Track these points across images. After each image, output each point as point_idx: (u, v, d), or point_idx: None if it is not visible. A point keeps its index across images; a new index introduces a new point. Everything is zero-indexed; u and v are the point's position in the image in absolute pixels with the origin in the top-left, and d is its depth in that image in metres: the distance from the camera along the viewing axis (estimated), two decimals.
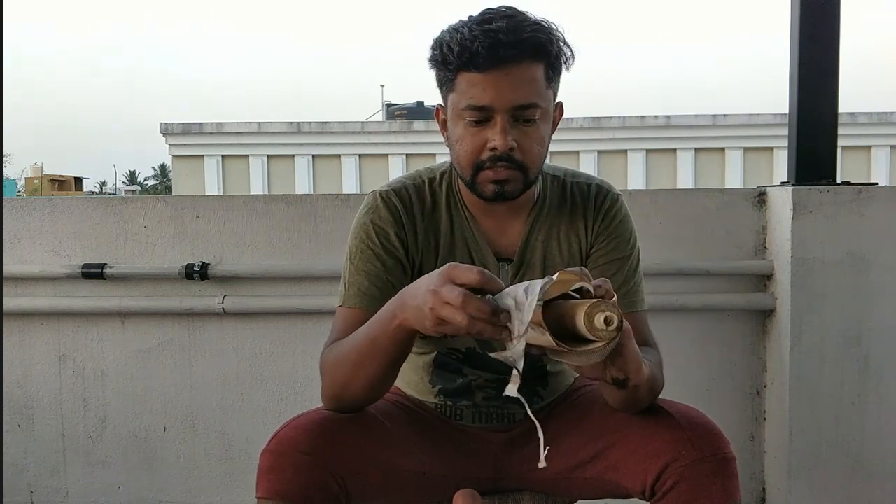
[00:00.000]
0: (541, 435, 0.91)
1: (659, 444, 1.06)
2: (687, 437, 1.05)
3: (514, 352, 0.88)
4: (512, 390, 0.90)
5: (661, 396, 1.15)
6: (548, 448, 0.90)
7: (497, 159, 1.11)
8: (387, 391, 1.13)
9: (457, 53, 1.07)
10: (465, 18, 1.12)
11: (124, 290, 2.02)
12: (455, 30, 1.09)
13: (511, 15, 1.09)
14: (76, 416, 2.07)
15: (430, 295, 0.91)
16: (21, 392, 2.07)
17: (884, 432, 1.93)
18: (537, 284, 0.87)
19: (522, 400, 0.91)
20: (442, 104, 1.18)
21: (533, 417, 0.92)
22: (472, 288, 0.89)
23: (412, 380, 1.31)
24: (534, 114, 1.10)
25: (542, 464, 0.91)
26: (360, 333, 1.06)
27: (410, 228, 1.21)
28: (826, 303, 1.90)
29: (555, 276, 0.87)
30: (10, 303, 2.01)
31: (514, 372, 0.89)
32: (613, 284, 1.19)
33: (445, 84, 1.13)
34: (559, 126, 1.20)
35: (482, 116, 1.10)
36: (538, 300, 0.86)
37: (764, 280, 2.00)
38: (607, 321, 0.85)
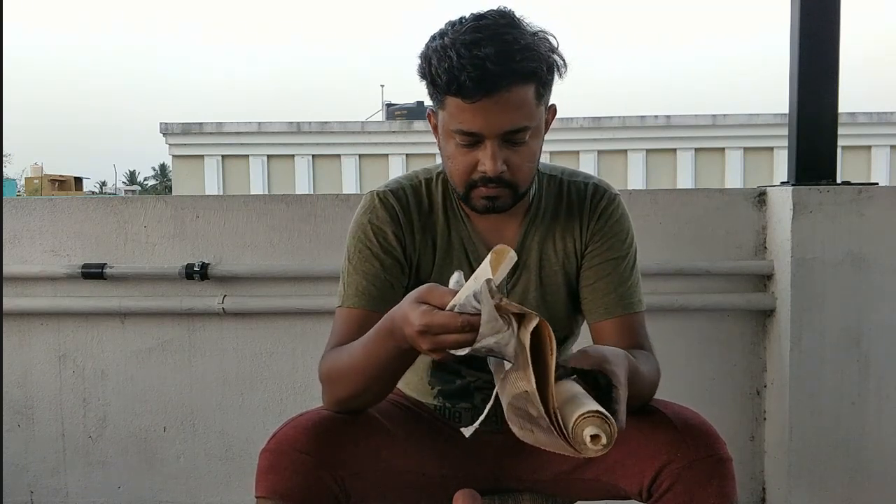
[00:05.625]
0: (486, 408, 0.92)
1: (655, 446, 1.05)
2: (682, 439, 1.05)
3: (490, 342, 0.85)
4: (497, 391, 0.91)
5: (659, 397, 1.15)
6: (475, 426, 0.92)
7: (488, 180, 1.11)
8: (393, 389, 1.14)
9: (445, 82, 1.05)
10: (453, 26, 1.08)
11: (124, 290, 2.02)
12: (443, 49, 1.05)
13: (499, 35, 1.04)
14: (76, 416, 2.07)
15: (407, 326, 0.91)
16: (21, 392, 2.07)
17: (884, 432, 1.93)
18: (481, 274, 0.84)
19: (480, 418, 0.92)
20: (433, 110, 1.17)
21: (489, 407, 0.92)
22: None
23: (412, 381, 1.31)
24: (524, 136, 1.09)
25: (466, 431, 0.92)
26: (358, 353, 1.05)
27: (408, 228, 1.21)
28: (826, 303, 1.90)
29: (489, 258, 0.86)
30: (10, 303, 2.01)
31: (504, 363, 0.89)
32: (608, 285, 1.20)
33: (435, 100, 1.13)
34: (559, 126, 1.21)
35: (472, 140, 1.09)
36: (490, 283, 0.83)
37: (764, 280, 2.00)
38: (594, 439, 0.84)
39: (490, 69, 1.02)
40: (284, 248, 2.01)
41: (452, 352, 0.88)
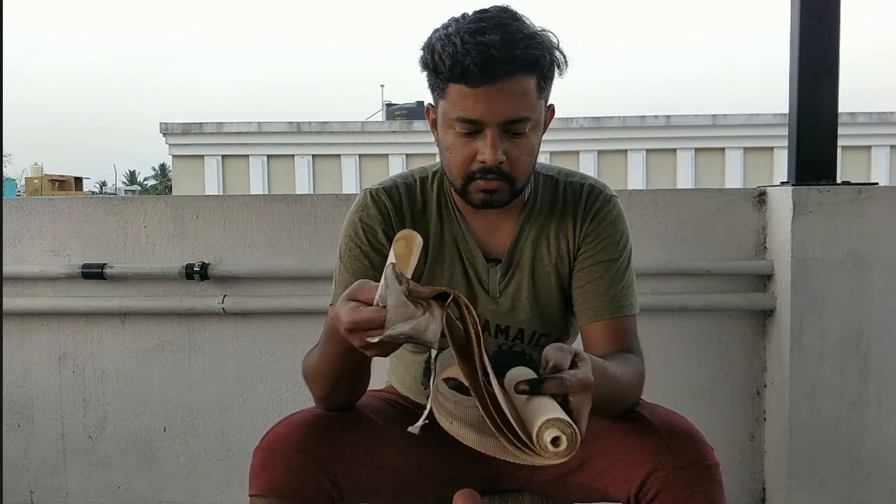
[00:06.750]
0: (426, 412, 0.90)
1: (640, 454, 1.05)
2: (667, 446, 1.04)
3: (405, 329, 0.82)
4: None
5: (658, 397, 1.15)
6: (425, 422, 0.89)
7: (486, 171, 1.10)
8: (366, 386, 1.14)
9: (448, 66, 1.05)
10: (456, 20, 1.08)
11: (124, 290, 2.02)
12: (447, 37, 1.06)
13: (504, 24, 1.05)
14: (76, 416, 2.07)
15: (340, 324, 0.89)
16: (21, 392, 2.07)
17: (884, 432, 1.93)
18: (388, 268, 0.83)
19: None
20: (433, 104, 1.17)
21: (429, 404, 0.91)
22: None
23: (406, 380, 1.31)
24: (524, 127, 1.09)
25: (413, 429, 0.90)
26: (317, 353, 1.06)
27: (399, 227, 1.20)
28: (826, 303, 1.90)
29: (393, 245, 0.85)
30: (10, 303, 2.01)
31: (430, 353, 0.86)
32: (599, 287, 1.19)
33: (436, 90, 1.12)
34: (559, 126, 1.21)
35: (473, 129, 1.09)
36: (399, 278, 0.81)
37: (764, 280, 2.00)
38: (555, 442, 0.79)
39: (494, 55, 1.03)
40: (284, 248, 2.01)
41: (369, 339, 0.85)
